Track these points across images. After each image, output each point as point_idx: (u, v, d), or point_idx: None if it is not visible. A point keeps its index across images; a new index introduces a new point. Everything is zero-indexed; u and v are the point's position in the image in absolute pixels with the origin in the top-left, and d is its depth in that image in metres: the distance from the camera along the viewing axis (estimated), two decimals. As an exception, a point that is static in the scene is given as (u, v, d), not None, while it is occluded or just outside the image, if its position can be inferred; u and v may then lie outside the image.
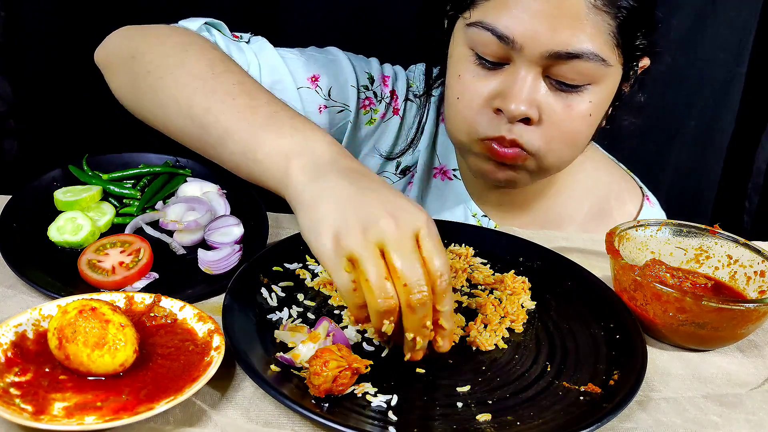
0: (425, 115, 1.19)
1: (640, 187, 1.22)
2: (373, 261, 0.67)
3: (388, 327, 0.68)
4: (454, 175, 1.21)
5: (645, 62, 1.03)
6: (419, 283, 0.67)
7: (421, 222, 0.69)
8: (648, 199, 1.21)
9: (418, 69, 1.22)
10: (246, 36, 1.12)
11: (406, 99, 1.20)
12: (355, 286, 0.68)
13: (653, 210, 1.20)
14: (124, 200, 1.01)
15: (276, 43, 1.13)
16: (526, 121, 0.96)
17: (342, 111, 1.16)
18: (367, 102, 1.18)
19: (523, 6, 0.91)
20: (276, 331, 0.76)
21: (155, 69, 0.91)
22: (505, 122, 0.96)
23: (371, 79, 1.18)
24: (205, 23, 1.07)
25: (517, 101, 0.94)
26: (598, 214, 1.18)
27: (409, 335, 0.69)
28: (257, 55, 1.09)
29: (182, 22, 1.06)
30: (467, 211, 1.19)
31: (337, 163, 0.75)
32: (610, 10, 0.91)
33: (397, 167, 1.24)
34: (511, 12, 0.91)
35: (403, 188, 1.25)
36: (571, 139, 0.99)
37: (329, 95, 1.14)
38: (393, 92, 1.19)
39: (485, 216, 1.17)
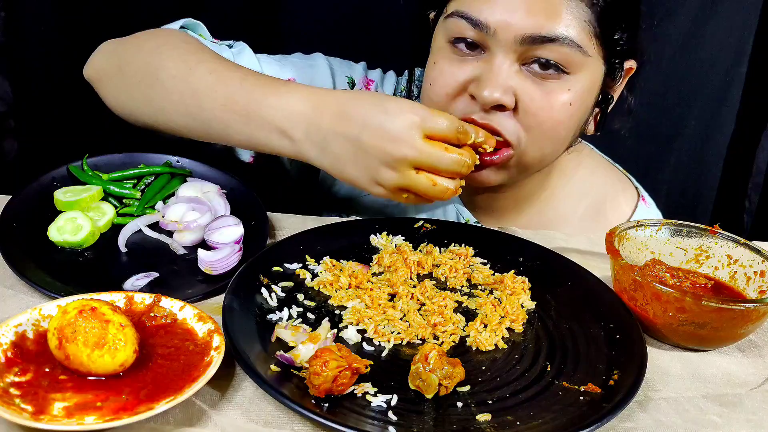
0: None
1: (636, 188, 1.22)
2: (395, 196, 0.88)
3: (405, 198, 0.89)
4: None
5: (631, 64, 1.03)
6: (458, 166, 0.86)
7: (415, 138, 0.83)
8: (644, 199, 1.20)
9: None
10: (228, 42, 1.14)
11: None
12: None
13: (649, 210, 1.20)
14: (124, 200, 1.01)
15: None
16: (502, 108, 0.95)
17: None
18: None
19: None
20: (277, 328, 0.76)
21: (143, 78, 0.99)
22: (479, 109, 0.96)
23: (351, 83, 1.19)
24: (181, 27, 1.09)
25: (491, 87, 0.93)
26: (594, 216, 1.18)
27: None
28: (235, 57, 1.11)
29: (163, 27, 1.09)
30: (460, 218, 1.18)
31: (322, 123, 0.87)
32: None
33: None
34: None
35: None
36: (551, 130, 0.97)
37: None
38: None
39: (477, 222, 1.17)
